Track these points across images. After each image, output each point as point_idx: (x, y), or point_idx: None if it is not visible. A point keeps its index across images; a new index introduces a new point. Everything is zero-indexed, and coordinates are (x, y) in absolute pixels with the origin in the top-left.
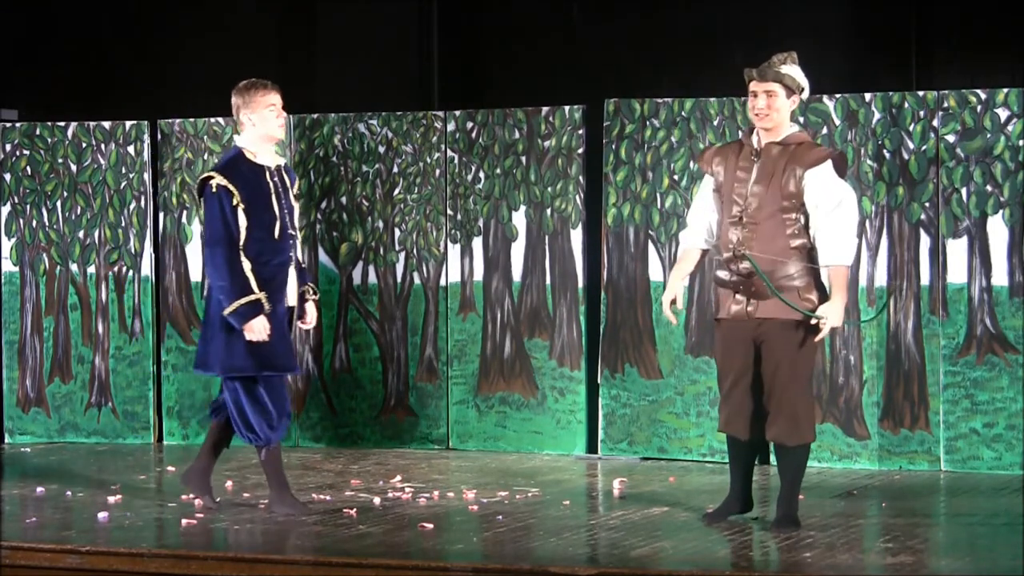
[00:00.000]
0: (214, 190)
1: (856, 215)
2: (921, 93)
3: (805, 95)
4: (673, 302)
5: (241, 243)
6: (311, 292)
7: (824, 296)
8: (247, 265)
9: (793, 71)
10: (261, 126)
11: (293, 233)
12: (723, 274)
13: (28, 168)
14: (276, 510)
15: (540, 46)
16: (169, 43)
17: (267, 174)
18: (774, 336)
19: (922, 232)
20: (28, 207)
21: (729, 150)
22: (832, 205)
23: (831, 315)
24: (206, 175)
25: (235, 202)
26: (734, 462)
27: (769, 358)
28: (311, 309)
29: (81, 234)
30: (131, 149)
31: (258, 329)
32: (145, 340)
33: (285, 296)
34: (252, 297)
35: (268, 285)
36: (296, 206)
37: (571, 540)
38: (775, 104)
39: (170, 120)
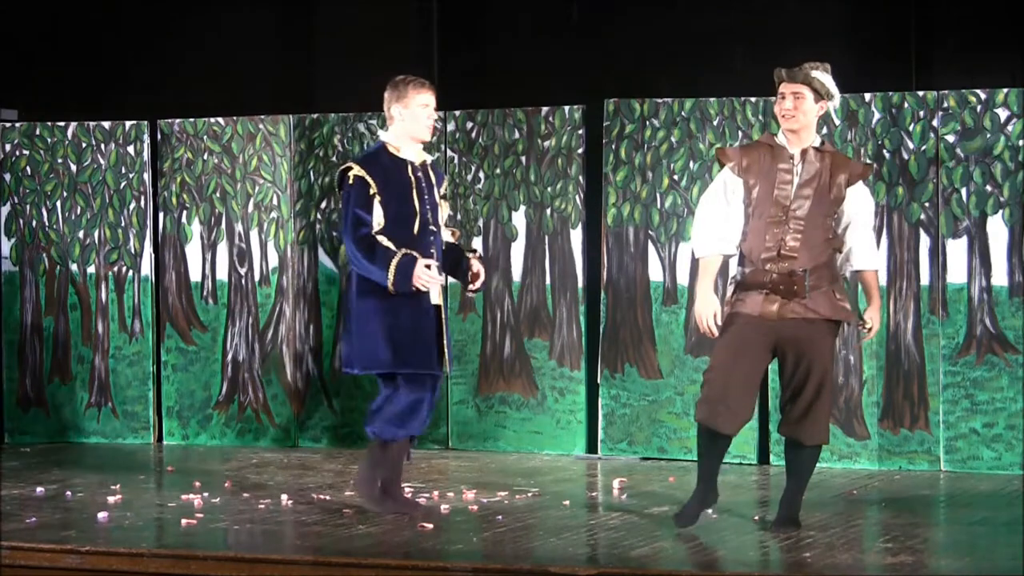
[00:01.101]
0: (351, 181)
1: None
2: (921, 93)
3: (835, 104)
4: (715, 315)
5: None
6: (473, 254)
7: (846, 295)
8: (385, 241)
9: (824, 78)
10: (410, 123)
11: (434, 229)
12: (756, 274)
13: (28, 168)
14: (381, 508)
15: (540, 46)
16: (169, 43)
17: (409, 169)
18: (805, 337)
19: (922, 232)
20: (28, 207)
21: (758, 151)
22: (865, 216)
23: (875, 319)
24: (345, 166)
25: (371, 192)
26: (710, 457)
27: (799, 359)
28: (477, 266)
29: (81, 234)
30: (131, 149)
31: (423, 275)
32: (145, 340)
33: (427, 294)
34: (398, 257)
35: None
36: (443, 204)
37: (571, 540)
38: (803, 107)
39: (170, 120)
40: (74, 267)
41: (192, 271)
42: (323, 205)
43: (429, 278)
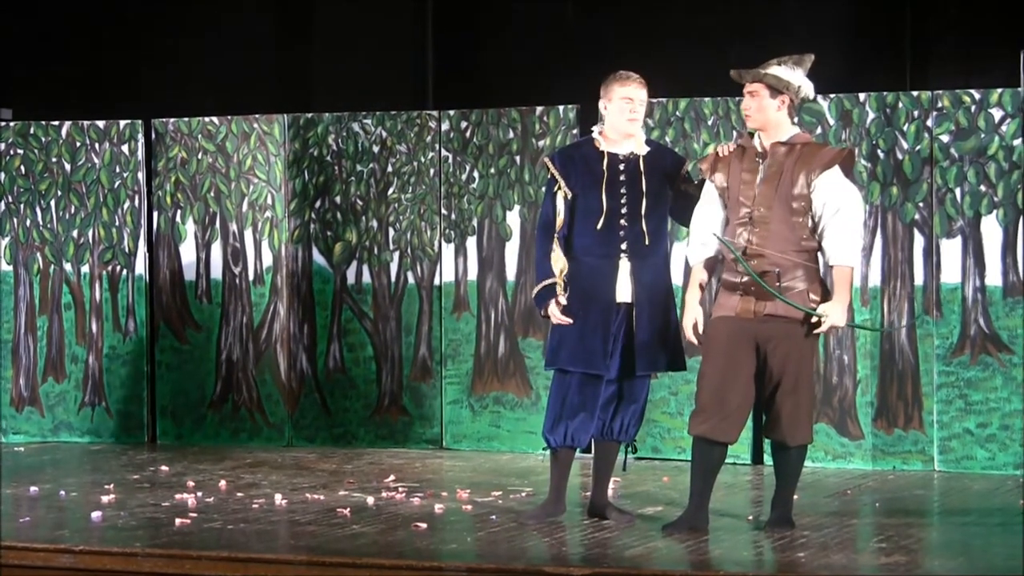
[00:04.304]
0: (548, 175)
1: (861, 215)
2: (915, 93)
3: (806, 95)
4: (695, 325)
5: (558, 231)
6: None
7: (829, 297)
8: (557, 253)
9: (779, 71)
10: (613, 116)
11: (625, 224)
12: (731, 276)
13: (22, 167)
14: (531, 516)
15: (534, 45)
16: (164, 42)
17: (606, 162)
18: (781, 335)
19: (916, 232)
20: (22, 206)
21: (731, 154)
22: (838, 206)
23: (832, 313)
24: (546, 156)
25: (555, 188)
26: (705, 471)
27: (775, 357)
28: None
29: (75, 233)
30: (125, 148)
31: (552, 314)
32: (139, 339)
33: (611, 292)
34: (547, 282)
35: (589, 279)
36: (667, 193)
37: (565, 540)
38: (758, 104)
39: (164, 119)
40: (68, 266)
41: (186, 270)
42: (317, 204)
43: (557, 320)
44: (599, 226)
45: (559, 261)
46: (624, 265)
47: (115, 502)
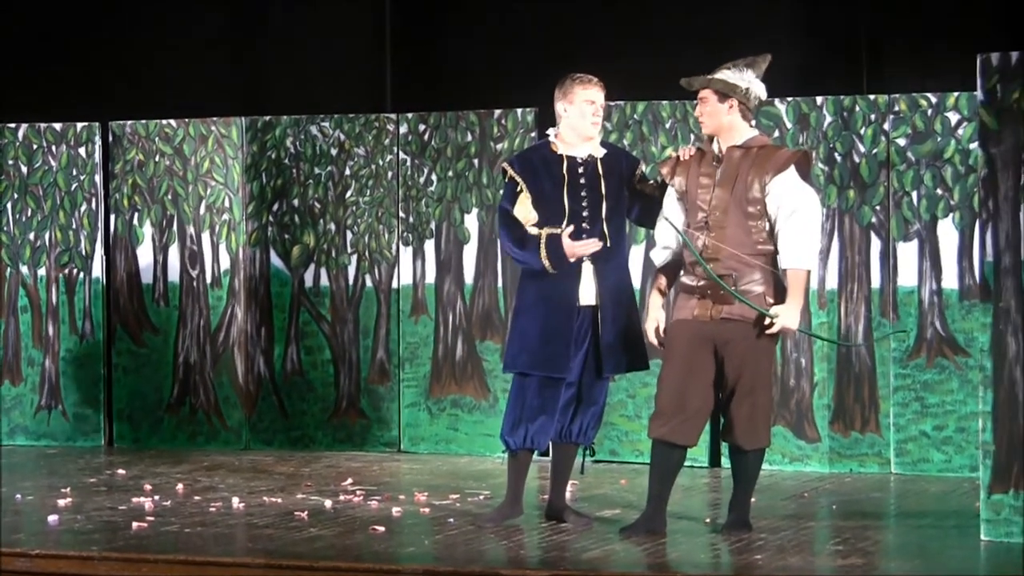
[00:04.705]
0: (505, 177)
1: (818, 218)
2: (872, 97)
3: (755, 97)
4: (657, 328)
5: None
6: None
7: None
8: (530, 224)
9: (728, 75)
10: (574, 119)
11: (587, 227)
12: (688, 279)
13: None
14: (489, 519)
15: (492, 49)
16: (121, 44)
17: (565, 165)
18: (738, 338)
19: (873, 235)
20: None
21: (691, 158)
22: (793, 208)
23: (784, 315)
24: (500, 163)
25: (518, 190)
26: (663, 475)
27: (732, 360)
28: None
29: (32, 236)
30: (82, 151)
31: (579, 246)
32: (95, 342)
33: (574, 296)
34: (544, 237)
35: (552, 282)
36: (638, 189)
37: (523, 543)
38: (708, 110)
39: (121, 122)
40: (25, 269)
41: (143, 273)
42: (275, 207)
43: (591, 247)
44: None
45: (532, 221)
46: (587, 268)
47: (72, 506)
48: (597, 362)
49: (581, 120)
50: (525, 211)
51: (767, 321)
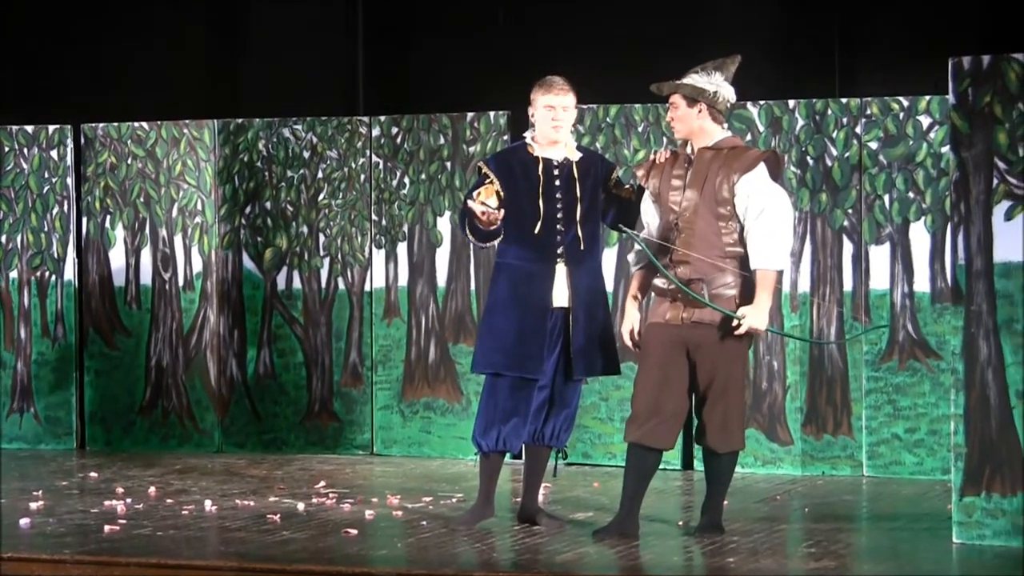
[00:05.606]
0: (479, 176)
1: (789, 218)
2: (844, 100)
3: (723, 100)
4: (632, 331)
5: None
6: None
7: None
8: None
9: (696, 80)
10: (539, 124)
11: (561, 230)
12: (661, 283)
13: None
14: (461, 522)
15: (465, 51)
16: (93, 46)
17: (541, 168)
18: (709, 342)
19: (845, 238)
20: None
21: (666, 160)
22: (761, 208)
23: (751, 316)
24: (480, 160)
25: (487, 182)
26: (637, 478)
27: (704, 364)
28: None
29: (3, 239)
30: (54, 153)
31: (473, 205)
32: (68, 345)
33: (548, 297)
34: (463, 209)
35: (526, 283)
36: (599, 198)
37: (495, 546)
38: (678, 115)
39: (93, 124)
40: None
41: (115, 276)
42: (247, 210)
43: (488, 206)
44: (536, 231)
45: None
46: (560, 270)
47: (44, 509)
48: (569, 364)
49: (543, 124)
50: (485, 195)
51: (734, 323)
